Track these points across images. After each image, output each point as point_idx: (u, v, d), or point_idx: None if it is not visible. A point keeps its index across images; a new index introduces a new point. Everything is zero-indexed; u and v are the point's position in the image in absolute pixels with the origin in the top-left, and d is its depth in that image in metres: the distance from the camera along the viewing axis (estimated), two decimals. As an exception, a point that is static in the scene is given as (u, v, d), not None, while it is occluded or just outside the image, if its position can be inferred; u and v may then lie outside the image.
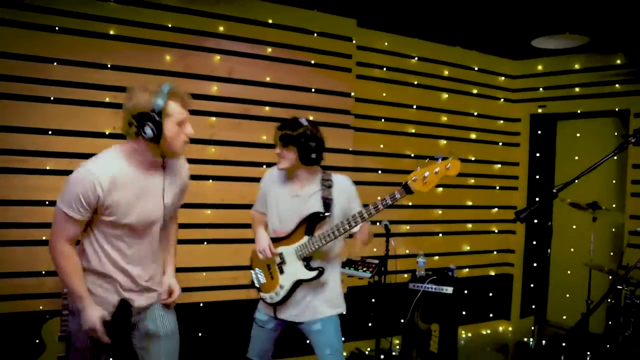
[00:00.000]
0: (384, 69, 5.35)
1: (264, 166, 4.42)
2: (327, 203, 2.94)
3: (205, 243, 4.41)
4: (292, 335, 3.17)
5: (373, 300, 5.03)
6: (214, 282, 4.43)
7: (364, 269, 4.56)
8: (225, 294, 4.42)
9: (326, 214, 2.91)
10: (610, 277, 4.74)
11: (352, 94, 5.05)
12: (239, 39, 4.49)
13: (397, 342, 5.19)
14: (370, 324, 5.09)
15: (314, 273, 2.93)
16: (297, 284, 2.97)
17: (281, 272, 3.02)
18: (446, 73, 5.75)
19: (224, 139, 4.46)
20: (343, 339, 4.97)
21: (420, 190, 2.65)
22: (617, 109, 5.54)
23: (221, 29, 4.41)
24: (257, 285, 3.15)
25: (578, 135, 6.12)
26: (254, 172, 4.39)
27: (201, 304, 4.41)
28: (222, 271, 4.43)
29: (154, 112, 2.23)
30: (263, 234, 3.09)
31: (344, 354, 4.90)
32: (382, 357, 4.85)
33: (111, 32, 4.03)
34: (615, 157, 4.68)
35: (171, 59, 4.24)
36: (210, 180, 4.42)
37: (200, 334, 4.41)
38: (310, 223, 2.93)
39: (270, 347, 3.21)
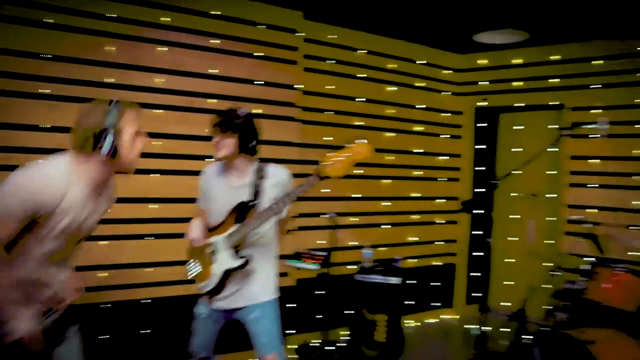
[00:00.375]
0: (332, 61, 5.42)
1: (208, 159, 4.38)
2: (257, 192, 3.02)
3: (153, 238, 4.38)
4: (239, 330, 3.20)
5: (321, 292, 5.08)
6: (163, 278, 4.41)
7: (312, 261, 4.65)
8: (176, 289, 4.41)
9: (253, 202, 2.99)
10: (548, 264, 4.97)
11: (299, 86, 5.09)
12: (184, 30, 4.46)
13: (345, 333, 5.27)
14: (318, 316, 5.14)
15: (240, 261, 3.00)
16: (227, 272, 3.04)
17: (213, 261, 3.08)
18: (392, 66, 5.87)
19: (170, 132, 4.43)
20: (294, 331, 5.08)
21: (331, 175, 2.75)
22: (554, 103, 5.79)
23: (166, 20, 4.37)
24: (192, 275, 3.21)
25: (519, 127, 6.36)
26: (201, 165, 4.32)
27: (150, 300, 4.38)
28: (171, 266, 4.41)
29: (109, 128, 2.29)
30: (195, 224, 3.16)
31: (294, 346, 5.00)
32: (329, 348, 4.92)
33: (49, 21, 3.92)
34: (554, 149, 4.94)
35: (115, 50, 4.17)
36: (157, 174, 4.38)
37: (149, 331, 4.38)
38: (240, 212, 3.01)
39: (212, 340, 3.28)
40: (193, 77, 4.52)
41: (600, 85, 5.46)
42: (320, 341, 5.02)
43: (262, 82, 4.86)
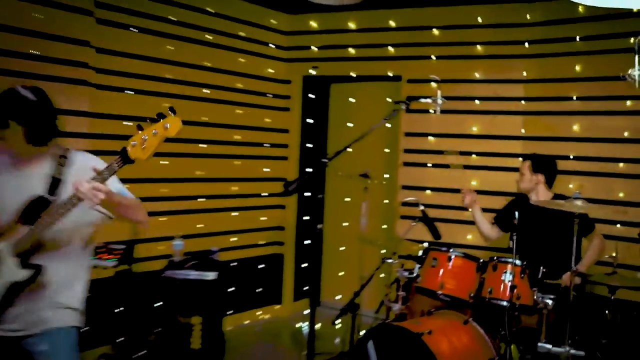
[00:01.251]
0: (135, 15, 5.08)
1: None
2: (55, 184, 2.72)
3: None
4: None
5: (122, 294, 4.88)
6: None
7: (108, 256, 4.47)
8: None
9: (50, 197, 2.68)
10: (383, 251, 5.10)
11: (92, 43, 4.73)
12: None
13: (154, 340, 5.09)
14: (119, 323, 4.92)
15: (27, 272, 2.67)
16: (12, 288, 2.68)
17: None
18: (207, 24, 5.68)
19: None
20: (89, 345, 4.71)
21: (139, 157, 2.56)
22: (390, 74, 5.95)
23: None
24: None
25: (352, 100, 6.47)
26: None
27: None
28: None
29: None
30: None
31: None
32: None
33: None
34: (389, 125, 5.03)
35: None
36: None
37: None
38: (32, 209, 2.68)
39: None
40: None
41: (434, 57, 5.69)
42: (121, 354, 4.85)
43: (44, 34, 4.42)
